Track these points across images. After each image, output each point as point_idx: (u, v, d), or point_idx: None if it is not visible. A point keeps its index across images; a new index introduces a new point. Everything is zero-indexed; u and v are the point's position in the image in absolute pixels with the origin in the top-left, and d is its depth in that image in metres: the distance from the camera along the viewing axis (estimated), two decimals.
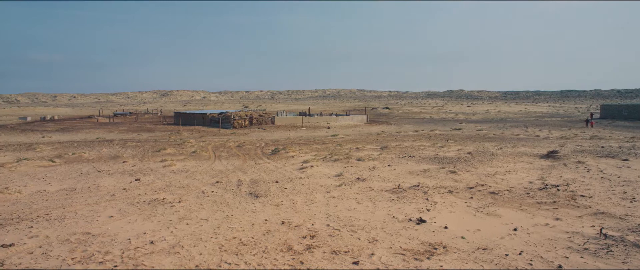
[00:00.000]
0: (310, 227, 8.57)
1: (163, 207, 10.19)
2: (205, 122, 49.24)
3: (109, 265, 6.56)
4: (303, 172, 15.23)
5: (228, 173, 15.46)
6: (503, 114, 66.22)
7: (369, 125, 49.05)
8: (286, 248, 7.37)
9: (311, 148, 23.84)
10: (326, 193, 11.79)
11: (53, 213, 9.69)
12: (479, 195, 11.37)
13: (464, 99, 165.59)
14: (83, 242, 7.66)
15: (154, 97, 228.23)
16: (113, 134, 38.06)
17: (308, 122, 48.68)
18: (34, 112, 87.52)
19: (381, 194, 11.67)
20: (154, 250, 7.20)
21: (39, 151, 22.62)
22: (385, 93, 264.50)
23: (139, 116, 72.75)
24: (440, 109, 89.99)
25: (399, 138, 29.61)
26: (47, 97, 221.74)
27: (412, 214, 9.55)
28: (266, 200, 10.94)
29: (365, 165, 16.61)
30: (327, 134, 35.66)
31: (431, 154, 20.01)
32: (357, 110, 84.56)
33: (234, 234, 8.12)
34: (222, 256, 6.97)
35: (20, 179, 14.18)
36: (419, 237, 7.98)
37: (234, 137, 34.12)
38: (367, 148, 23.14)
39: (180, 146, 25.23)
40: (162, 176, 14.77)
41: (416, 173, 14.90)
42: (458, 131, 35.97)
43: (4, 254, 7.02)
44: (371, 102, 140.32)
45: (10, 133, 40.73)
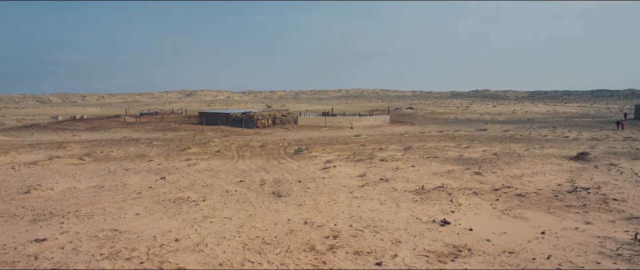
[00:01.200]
0: (333, 228, 8.57)
1: (188, 206, 10.36)
2: (229, 122, 49.80)
3: (135, 261, 6.70)
4: (326, 172, 15.24)
5: (251, 172, 15.60)
6: (530, 115, 64.78)
7: (392, 125, 48.71)
8: (309, 248, 7.38)
9: (334, 148, 23.83)
10: (349, 193, 11.76)
11: (82, 210, 9.96)
12: (505, 197, 11.15)
13: (490, 99, 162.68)
14: (111, 238, 7.85)
15: (179, 97, 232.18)
16: (139, 133, 38.89)
17: (331, 122, 48.67)
18: (64, 112, 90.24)
19: (404, 194, 11.57)
20: (178, 248, 7.33)
21: (69, 149, 23.30)
22: (409, 93, 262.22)
23: (165, 116, 74.13)
24: (465, 109, 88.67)
25: (422, 138, 29.31)
26: (77, 97, 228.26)
27: (436, 216, 9.43)
28: (289, 200, 10.99)
29: (388, 166, 16.50)
30: (350, 134, 35.58)
31: (456, 154, 19.73)
32: (381, 110, 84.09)
33: (257, 233, 8.18)
34: (246, 255, 7.03)
35: (52, 176, 14.64)
36: (443, 239, 7.88)
37: (257, 136, 34.40)
38: (391, 148, 22.98)
39: (204, 145, 25.59)
40: (187, 175, 15.01)
41: (440, 174, 14.72)
42: (483, 132, 35.37)
43: (37, 248, 7.26)
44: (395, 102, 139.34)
45: (43, 132, 42.12)
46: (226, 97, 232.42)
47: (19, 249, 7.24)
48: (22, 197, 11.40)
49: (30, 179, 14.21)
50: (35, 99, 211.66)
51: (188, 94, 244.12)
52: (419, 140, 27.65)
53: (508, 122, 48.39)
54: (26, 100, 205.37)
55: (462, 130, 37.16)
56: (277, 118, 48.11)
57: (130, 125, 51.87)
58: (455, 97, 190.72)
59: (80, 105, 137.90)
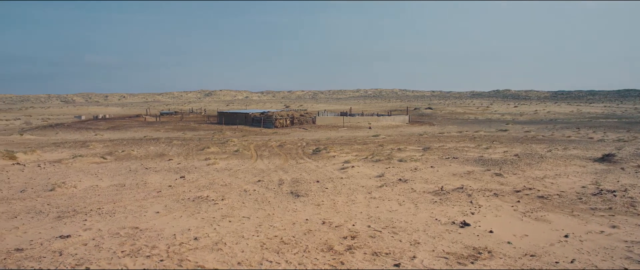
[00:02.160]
0: (351, 228, 8.55)
1: (206, 205, 10.47)
2: (248, 122, 50.14)
3: (155, 259, 6.80)
4: (344, 173, 15.22)
5: (269, 172, 15.68)
6: (553, 115, 63.52)
7: (411, 125, 48.36)
8: (327, 248, 7.38)
9: (352, 148, 23.78)
10: (367, 194, 11.72)
11: (104, 207, 10.16)
12: (527, 199, 10.96)
13: (511, 99, 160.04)
14: (132, 236, 7.99)
15: (198, 96, 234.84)
16: (159, 133, 39.47)
17: (349, 122, 48.58)
18: (87, 111, 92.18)
19: (423, 195, 11.48)
20: (197, 246, 7.41)
21: (91, 148, 23.79)
22: (428, 93, 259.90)
23: (184, 115, 75.07)
24: (485, 109, 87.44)
25: (442, 139, 29.01)
26: (99, 96, 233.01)
27: (456, 217, 9.33)
28: (307, 200, 11.01)
29: (407, 166, 16.39)
30: (368, 134, 35.45)
31: (475, 155, 19.48)
32: (399, 110, 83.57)
33: (275, 233, 8.22)
34: (264, 254, 7.07)
35: (76, 174, 14.97)
36: (462, 241, 7.79)
37: (275, 136, 34.56)
38: (409, 149, 22.82)
39: (223, 145, 25.83)
40: (206, 174, 15.17)
41: (460, 175, 14.55)
42: (504, 132, 34.82)
43: (62, 244, 7.44)
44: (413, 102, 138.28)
45: (66, 131, 43.12)
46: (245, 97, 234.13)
47: (44, 245, 7.43)
48: (48, 195, 11.70)
49: (55, 176, 14.57)
50: (59, 98, 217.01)
51: (207, 94, 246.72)
52: (438, 141, 27.38)
53: (530, 123, 47.54)
54: (51, 100, 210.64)
55: (482, 131, 36.67)
56: (295, 118, 48.24)
57: (150, 124, 52.70)
58: (475, 97, 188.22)
59: (102, 105, 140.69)
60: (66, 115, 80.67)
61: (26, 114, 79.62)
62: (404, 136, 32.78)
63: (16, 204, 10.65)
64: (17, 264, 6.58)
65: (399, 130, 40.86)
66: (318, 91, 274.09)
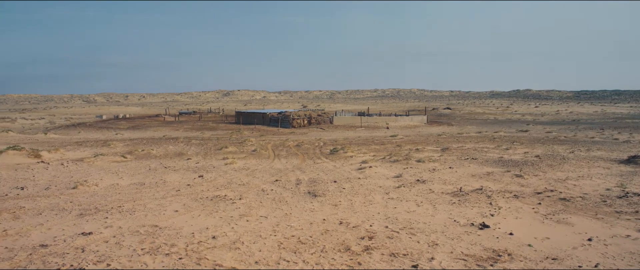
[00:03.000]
0: (369, 228, 8.53)
1: (224, 204, 10.57)
2: (265, 122, 50.41)
3: (174, 257, 6.90)
4: (361, 173, 15.18)
5: (287, 172, 15.74)
6: (575, 115, 62.21)
7: (429, 126, 47.96)
8: (344, 248, 7.38)
9: (370, 148, 23.70)
10: (385, 194, 11.68)
11: (125, 206, 10.34)
12: (548, 201, 10.76)
13: (532, 99, 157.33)
14: (151, 234, 8.11)
15: (217, 96, 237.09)
16: (178, 132, 39.98)
17: (367, 122, 48.43)
18: (108, 111, 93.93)
19: (442, 196, 11.37)
20: (216, 245, 7.48)
21: (112, 147, 24.24)
22: (446, 93, 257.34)
23: (203, 115, 75.88)
24: (505, 109, 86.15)
25: (460, 139, 28.69)
26: (120, 96, 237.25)
27: (475, 219, 9.22)
28: (324, 200, 11.02)
29: (425, 167, 16.26)
30: (386, 135, 35.29)
31: (495, 156, 19.21)
32: (417, 110, 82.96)
33: (292, 233, 8.25)
34: (281, 254, 7.11)
35: (97, 173, 15.28)
36: (481, 243, 7.69)
37: (293, 136, 34.66)
38: (428, 149, 22.63)
39: (241, 145, 26.03)
40: (224, 173, 15.31)
41: (479, 176, 14.37)
42: (525, 133, 34.26)
43: (84, 241, 7.60)
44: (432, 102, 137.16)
45: (88, 130, 44.04)
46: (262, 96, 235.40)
47: (67, 241, 7.60)
48: (70, 192, 11.96)
49: (77, 175, 14.89)
50: (81, 98, 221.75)
51: (225, 94, 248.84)
52: (456, 141, 27.09)
53: (551, 123, 46.67)
54: (74, 99, 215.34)
55: (502, 132, 36.14)
56: (312, 118, 48.31)
57: (169, 124, 53.43)
58: (495, 97, 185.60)
59: (122, 105, 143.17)
60: (88, 114, 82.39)
61: (50, 114, 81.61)
62: (422, 136, 32.53)
63: (41, 201, 10.93)
64: (42, 259, 6.75)
65: (417, 131, 40.56)
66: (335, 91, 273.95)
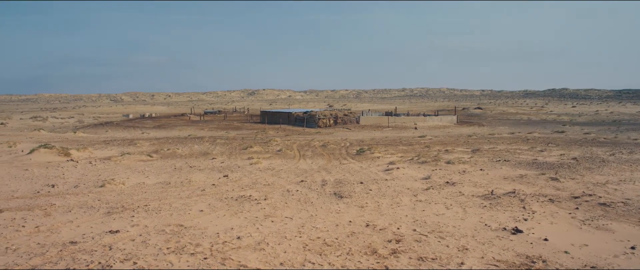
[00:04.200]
0: (396, 231, 8.46)
1: (249, 204, 10.67)
2: (290, 121, 50.67)
3: (199, 257, 7.01)
4: (389, 174, 15.08)
5: (312, 172, 15.78)
6: (616, 116, 60.13)
7: (459, 126, 47.26)
8: (370, 251, 7.34)
9: (397, 149, 23.53)
10: (413, 196, 11.56)
11: (151, 205, 10.58)
12: (586, 206, 10.43)
13: (568, 98, 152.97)
14: (176, 233, 8.27)
15: (242, 96, 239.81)
16: (203, 132, 40.63)
17: (394, 122, 48.09)
18: (134, 110, 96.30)
19: (472, 199, 11.18)
20: (240, 246, 7.57)
21: (139, 146, 24.83)
22: (477, 92, 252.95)
23: (227, 114, 76.88)
24: (540, 109, 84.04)
25: (492, 140, 28.15)
26: (146, 96, 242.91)
27: (507, 223, 9.02)
28: (350, 202, 11.00)
29: (454, 169, 16.03)
30: (414, 135, 34.96)
31: (529, 158, 18.76)
32: (447, 110, 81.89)
33: (317, 234, 8.27)
34: (306, 255, 7.13)
35: (124, 172, 15.68)
36: (514, 248, 7.52)
37: (318, 136, 34.73)
38: (457, 150, 22.30)
39: (266, 144, 26.24)
40: (249, 173, 15.47)
41: (511, 179, 14.06)
42: (561, 134, 33.34)
43: (111, 239, 7.82)
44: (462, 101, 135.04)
45: (115, 129, 45.26)
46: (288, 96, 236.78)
47: (95, 239, 7.83)
48: (98, 191, 12.32)
49: (104, 173, 15.32)
50: (109, 98, 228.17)
51: (250, 93, 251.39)
52: (488, 143, 26.59)
53: (590, 124, 45.25)
54: (101, 99, 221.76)
55: (536, 132, 35.28)
56: (338, 117, 48.28)
57: (195, 123, 54.35)
58: (529, 96, 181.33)
59: (148, 104, 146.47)
60: (115, 113, 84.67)
61: (79, 113, 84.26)
62: (452, 137, 32.07)
63: (70, 198, 11.29)
64: (72, 256, 6.97)
65: (447, 131, 40.01)
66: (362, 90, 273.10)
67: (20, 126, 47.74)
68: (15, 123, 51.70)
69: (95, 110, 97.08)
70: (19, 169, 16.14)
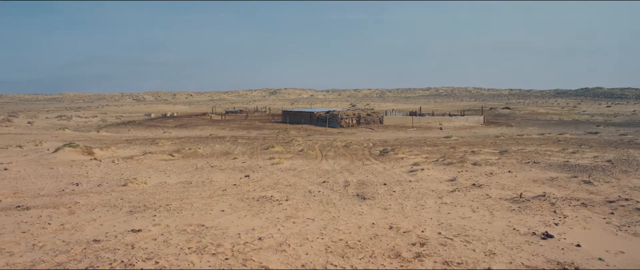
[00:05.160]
0: (420, 234, 8.39)
1: (271, 205, 10.74)
2: (312, 121, 50.77)
3: (220, 257, 7.09)
4: (413, 175, 14.97)
5: (335, 173, 15.78)
6: None
7: (486, 126, 46.54)
8: (394, 254, 7.30)
9: (422, 150, 23.32)
10: (438, 198, 11.44)
11: (172, 204, 10.75)
12: (622, 211, 10.12)
13: (603, 98, 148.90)
14: (198, 233, 8.38)
15: (263, 95, 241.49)
16: (225, 131, 41.07)
17: (418, 122, 47.69)
18: (156, 109, 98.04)
19: (500, 202, 11.00)
20: (262, 247, 7.62)
21: (160, 146, 25.28)
22: (505, 91, 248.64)
23: (249, 114, 77.52)
24: (572, 109, 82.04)
25: (521, 142, 27.62)
26: (167, 95, 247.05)
27: (537, 228, 8.84)
28: (373, 203, 10.96)
29: (481, 171, 15.79)
30: (439, 136, 34.59)
31: (560, 160, 18.34)
32: (473, 110, 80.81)
33: (340, 236, 8.26)
34: (328, 258, 7.13)
35: (146, 171, 15.98)
36: (544, 254, 7.36)
37: (340, 136, 34.70)
38: (484, 152, 21.97)
39: (287, 144, 26.37)
40: (270, 174, 15.57)
41: (541, 181, 13.77)
42: (594, 135, 32.48)
43: (133, 238, 7.98)
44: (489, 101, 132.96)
45: (138, 128, 46.16)
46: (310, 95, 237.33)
47: (118, 238, 8.01)
48: (121, 190, 12.59)
49: (127, 172, 15.64)
50: (131, 97, 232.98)
51: (272, 92, 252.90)
52: (516, 144, 26.11)
53: (626, 125, 43.95)
54: (124, 98, 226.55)
55: (567, 133, 34.46)
56: (361, 117, 48.15)
57: (216, 123, 54.99)
58: (560, 95, 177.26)
59: (170, 103, 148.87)
60: (137, 113, 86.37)
61: (102, 112, 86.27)
62: (479, 138, 31.60)
63: (94, 197, 11.57)
64: (95, 254, 7.14)
65: (473, 132, 39.47)
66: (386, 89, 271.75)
67: (46, 125, 49.20)
68: (41, 122, 53.30)
69: (118, 110, 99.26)
70: (45, 167, 16.63)
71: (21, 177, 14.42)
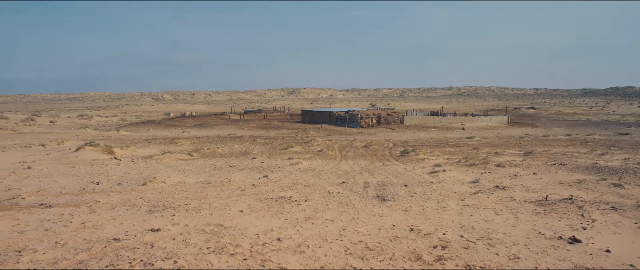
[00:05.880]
0: (442, 237, 8.31)
1: (289, 205, 10.78)
2: (332, 121, 50.76)
3: (239, 258, 7.15)
4: (434, 177, 14.84)
5: (354, 174, 15.75)
6: None
7: (510, 127, 45.86)
8: (415, 257, 7.25)
9: (443, 151, 23.11)
10: (460, 200, 11.32)
11: (191, 204, 10.88)
12: None
13: (634, 97, 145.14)
14: (216, 233, 8.46)
15: (282, 94, 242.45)
16: (243, 131, 41.38)
17: (440, 122, 47.27)
18: (175, 109, 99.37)
19: (524, 205, 10.82)
20: (280, 248, 7.66)
21: (179, 145, 25.60)
22: (530, 91, 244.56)
23: (268, 113, 77.94)
24: (601, 109, 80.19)
25: (546, 143, 27.13)
26: (186, 94, 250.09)
27: (563, 232, 8.67)
28: (394, 205, 10.90)
29: (505, 172, 15.56)
30: (461, 136, 34.22)
31: (588, 162, 17.95)
32: (497, 110, 79.71)
33: (359, 238, 8.24)
34: (348, 259, 7.13)
35: (165, 170, 16.21)
36: (571, 259, 7.21)
37: (360, 136, 34.63)
38: (508, 153, 21.64)
39: (306, 144, 26.42)
40: (289, 174, 15.62)
41: (568, 184, 13.50)
42: (625, 136, 31.68)
43: (152, 238, 8.11)
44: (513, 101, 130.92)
45: (157, 128, 46.86)
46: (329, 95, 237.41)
47: (138, 237, 8.14)
48: (140, 189, 12.80)
49: (146, 172, 15.89)
50: (150, 96, 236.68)
51: (291, 92, 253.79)
52: (542, 145, 25.65)
53: None
54: (143, 97, 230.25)
55: (596, 134, 33.71)
56: (381, 117, 47.97)
57: (234, 122, 55.45)
58: (588, 95, 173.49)
59: (189, 103, 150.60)
60: (156, 112, 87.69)
61: (122, 111, 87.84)
62: (502, 138, 31.15)
63: (114, 196, 11.80)
64: (115, 252, 7.28)
65: (496, 132, 38.92)
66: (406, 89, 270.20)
67: (67, 124, 50.33)
68: (63, 121, 54.53)
69: (137, 109, 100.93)
70: (67, 166, 17.02)
71: (44, 176, 14.79)
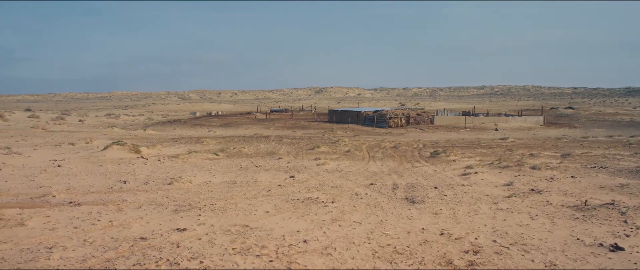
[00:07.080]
0: (474, 241, 8.18)
1: (316, 207, 10.80)
2: (359, 121, 50.65)
3: (265, 259, 7.20)
4: (466, 179, 14.62)
5: (382, 175, 15.67)
6: None
7: (546, 127, 44.81)
8: (445, 262, 7.16)
9: (475, 152, 22.75)
10: (493, 204, 11.12)
11: (217, 204, 11.03)
12: None
13: None
14: (242, 234, 8.56)
15: (309, 93, 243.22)
16: (269, 130, 41.71)
17: (472, 122, 46.57)
18: (201, 108, 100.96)
19: (561, 210, 10.54)
20: (307, 250, 7.68)
21: (205, 145, 26.00)
22: (568, 90, 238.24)
23: (294, 113, 78.34)
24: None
25: (585, 144, 26.37)
26: (212, 94, 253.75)
27: (604, 238, 8.40)
28: (423, 207, 10.80)
29: (541, 175, 15.20)
30: (494, 137, 33.62)
31: (632, 165, 17.35)
32: (532, 110, 78.00)
33: (388, 241, 8.20)
34: (376, 263, 7.09)
35: (191, 170, 16.49)
36: (613, 267, 6.99)
37: (389, 137, 34.43)
38: (544, 155, 21.13)
39: (333, 145, 26.43)
40: (316, 175, 15.66)
41: (609, 188, 13.08)
42: None
43: (178, 237, 8.26)
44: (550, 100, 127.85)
45: (183, 127, 47.73)
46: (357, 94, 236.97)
47: (164, 236, 8.31)
48: (166, 188, 13.06)
49: (172, 171, 16.20)
50: (177, 95, 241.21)
51: (318, 91, 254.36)
52: (580, 147, 24.95)
53: None
54: (170, 97, 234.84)
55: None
56: (411, 117, 47.60)
57: (261, 122, 55.96)
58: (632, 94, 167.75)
59: (215, 102, 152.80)
60: (182, 111, 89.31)
61: (149, 111, 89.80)
62: (538, 140, 30.45)
63: (140, 195, 12.07)
64: (142, 251, 7.45)
65: (532, 133, 38.08)
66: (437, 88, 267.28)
67: (95, 123, 51.78)
68: (91, 120, 56.12)
69: (164, 108, 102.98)
70: (95, 164, 17.51)
71: (73, 174, 15.26)
